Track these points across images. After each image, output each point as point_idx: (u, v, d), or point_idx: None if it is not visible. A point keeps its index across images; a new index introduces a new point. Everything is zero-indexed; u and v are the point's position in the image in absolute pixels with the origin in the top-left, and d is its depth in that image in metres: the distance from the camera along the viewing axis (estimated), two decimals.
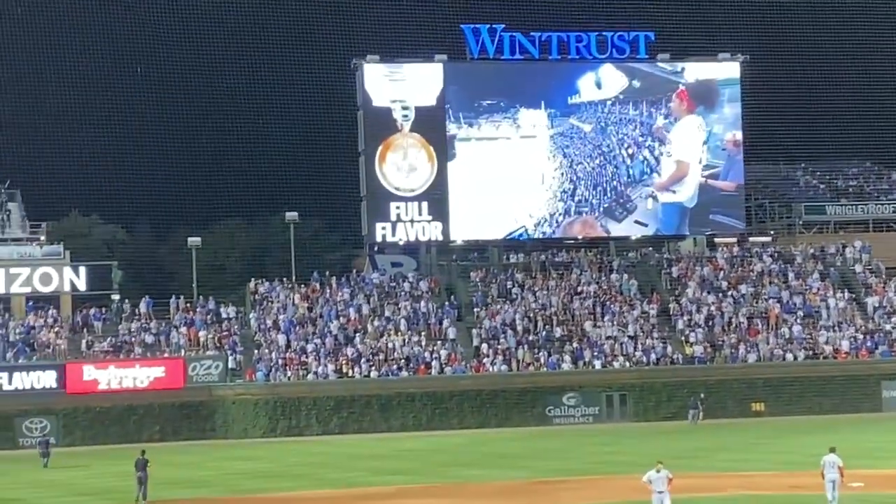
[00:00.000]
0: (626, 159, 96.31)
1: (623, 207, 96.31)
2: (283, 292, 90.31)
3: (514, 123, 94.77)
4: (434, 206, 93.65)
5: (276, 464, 67.15)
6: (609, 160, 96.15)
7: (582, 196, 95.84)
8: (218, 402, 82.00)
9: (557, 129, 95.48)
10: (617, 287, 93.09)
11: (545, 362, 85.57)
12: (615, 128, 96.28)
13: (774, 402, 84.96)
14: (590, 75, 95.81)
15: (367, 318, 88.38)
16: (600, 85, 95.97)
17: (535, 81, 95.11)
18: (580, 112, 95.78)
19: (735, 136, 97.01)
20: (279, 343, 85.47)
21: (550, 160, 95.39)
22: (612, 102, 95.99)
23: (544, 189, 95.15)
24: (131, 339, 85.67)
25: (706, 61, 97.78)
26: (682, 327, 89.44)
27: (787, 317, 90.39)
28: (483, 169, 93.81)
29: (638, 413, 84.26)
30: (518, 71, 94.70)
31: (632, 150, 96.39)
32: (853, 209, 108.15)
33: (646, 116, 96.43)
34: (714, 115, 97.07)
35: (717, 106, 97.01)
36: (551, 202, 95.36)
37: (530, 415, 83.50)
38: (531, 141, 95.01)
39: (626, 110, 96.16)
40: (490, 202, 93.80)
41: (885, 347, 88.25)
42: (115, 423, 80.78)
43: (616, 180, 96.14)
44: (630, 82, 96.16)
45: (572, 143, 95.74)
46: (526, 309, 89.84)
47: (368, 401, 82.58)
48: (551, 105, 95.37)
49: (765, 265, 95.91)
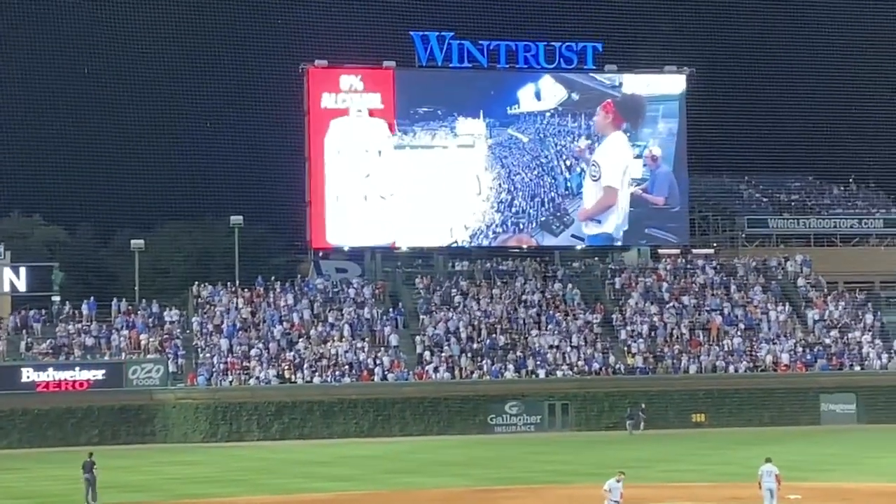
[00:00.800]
0: (565, 171, 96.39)
1: (560, 221, 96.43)
2: (226, 296, 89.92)
3: (451, 132, 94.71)
4: (379, 212, 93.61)
5: (215, 469, 66.78)
6: (547, 171, 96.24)
7: (519, 207, 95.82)
8: (158, 405, 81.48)
9: (496, 138, 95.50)
10: (561, 296, 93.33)
11: (488, 370, 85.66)
12: (553, 139, 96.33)
13: (715, 413, 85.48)
14: (530, 86, 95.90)
15: (311, 324, 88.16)
16: (540, 96, 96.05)
17: (475, 91, 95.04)
18: (519, 122, 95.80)
19: (652, 152, 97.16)
20: (221, 347, 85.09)
21: (488, 170, 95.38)
22: (550, 114, 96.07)
23: (481, 200, 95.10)
24: (71, 342, 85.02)
25: (652, 73, 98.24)
26: (624, 337, 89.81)
27: (728, 329, 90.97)
28: (422, 177, 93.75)
29: (580, 422, 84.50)
30: (458, 80, 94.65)
31: (569, 162, 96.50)
32: (795, 223, 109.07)
33: (584, 129, 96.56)
34: (647, 130, 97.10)
35: (648, 122, 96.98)
36: (489, 213, 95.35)
37: (472, 423, 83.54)
38: (469, 150, 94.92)
39: (565, 122, 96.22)
40: (431, 210, 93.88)
41: (824, 361, 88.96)
42: (53, 426, 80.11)
43: (554, 191, 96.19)
44: (569, 94, 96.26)
45: (511, 154, 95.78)
46: (470, 317, 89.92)
47: (310, 407, 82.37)
48: (490, 115, 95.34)
49: (707, 277, 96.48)
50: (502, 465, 65.63)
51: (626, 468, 45.64)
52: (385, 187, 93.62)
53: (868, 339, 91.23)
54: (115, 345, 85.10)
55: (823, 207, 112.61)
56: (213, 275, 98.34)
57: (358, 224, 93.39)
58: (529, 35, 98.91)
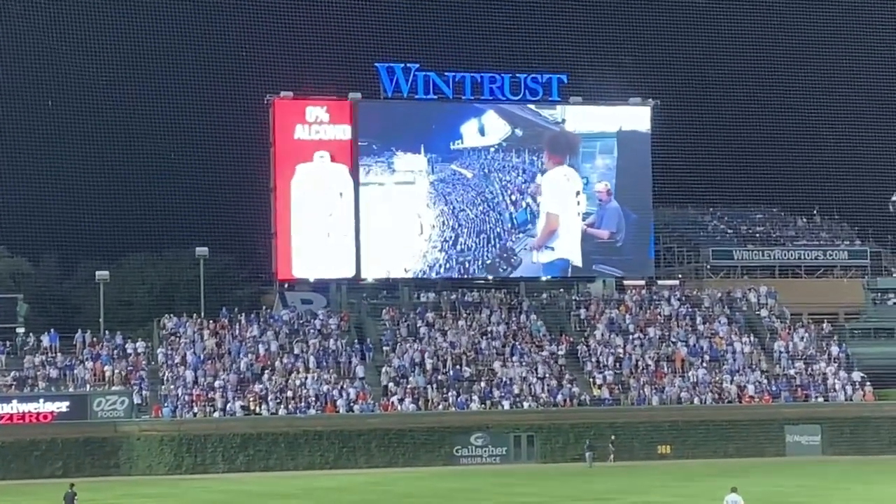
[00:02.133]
0: (510, 206, 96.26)
1: (507, 262, 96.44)
2: (191, 328, 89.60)
3: (390, 167, 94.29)
4: (344, 244, 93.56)
5: (179, 501, 66.41)
6: (492, 207, 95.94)
7: (464, 245, 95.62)
8: (123, 438, 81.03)
9: (438, 174, 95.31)
10: (526, 328, 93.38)
11: (453, 402, 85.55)
12: (498, 174, 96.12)
13: (680, 444, 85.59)
14: (473, 121, 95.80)
15: (276, 355, 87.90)
16: (483, 131, 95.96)
17: (417, 125, 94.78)
18: (462, 158, 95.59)
19: (606, 186, 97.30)
20: (186, 379, 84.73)
21: (431, 207, 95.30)
22: (494, 149, 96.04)
23: (423, 239, 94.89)
24: (35, 374, 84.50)
25: (616, 105, 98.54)
26: (589, 369, 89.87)
27: (693, 360, 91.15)
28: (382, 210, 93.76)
29: (545, 454, 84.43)
30: (399, 115, 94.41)
31: (514, 197, 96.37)
32: (760, 254, 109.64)
33: (528, 164, 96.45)
34: (587, 165, 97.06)
35: (585, 157, 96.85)
36: (431, 252, 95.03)
37: (438, 454, 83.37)
38: (409, 187, 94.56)
39: (510, 157, 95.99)
40: (390, 243, 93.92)
41: (788, 393, 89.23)
42: (16, 459, 79.51)
43: (500, 227, 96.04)
44: (513, 130, 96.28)
45: (454, 190, 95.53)
46: (435, 348, 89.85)
47: (275, 438, 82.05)
48: (431, 150, 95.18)
49: (673, 308, 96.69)
50: (468, 497, 65.45)
51: (592, 500, 45.63)
52: (347, 224, 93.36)
53: (833, 370, 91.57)
54: (80, 377, 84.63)
55: (788, 239, 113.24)
56: (178, 306, 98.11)
57: (322, 256, 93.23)
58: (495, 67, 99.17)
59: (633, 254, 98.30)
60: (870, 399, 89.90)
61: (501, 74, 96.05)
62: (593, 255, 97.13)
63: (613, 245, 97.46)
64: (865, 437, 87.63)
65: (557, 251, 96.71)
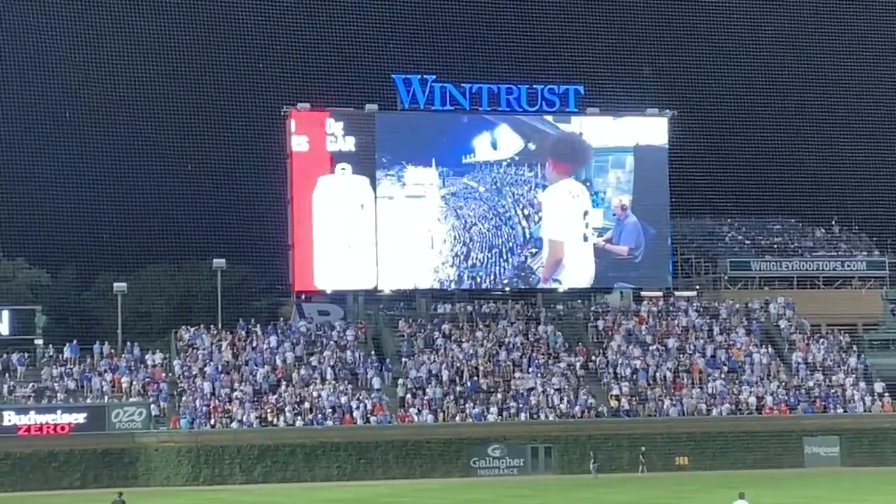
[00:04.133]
0: (522, 220, 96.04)
1: (525, 281, 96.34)
2: (208, 339, 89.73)
3: (399, 181, 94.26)
4: (362, 255, 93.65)
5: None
6: (504, 221, 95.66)
7: (476, 259, 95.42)
8: (140, 449, 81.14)
9: (449, 188, 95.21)
10: (543, 339, 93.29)
11: (471, 413, 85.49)
12: (511, 189, 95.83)
13: (698, 456, 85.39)
14: (486, 135, 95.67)
15: (293, 367, 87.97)
16: (496, 145, 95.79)
17: (428, 139, 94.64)
18: (474, 172, 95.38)
19: (622, 201, 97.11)
20: (204, 390, 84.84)
21: (442, 222, 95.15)
22: (507, 163, 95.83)
23: (434, 253, 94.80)
24: (54, 385, 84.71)
25: (633, 116, 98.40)
26: (607, 380, 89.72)
27: (711, 371, 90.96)
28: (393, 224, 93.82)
29: (563, 465, 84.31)
30: (412, 128, 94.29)
31: (527, 212, 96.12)
32: (778, 265, 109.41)
33: (540, 179, 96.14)
34: (600, 179, 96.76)
35: (598, 171, 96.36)
36: (442, 269, 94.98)
37: (455, 466, 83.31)
38: (420, 200, 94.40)
39: (522, 171, 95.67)
40: (407, 256, 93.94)
41: (806, 404, 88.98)
42: (35, 470, 79.63)
43: (513, 241, 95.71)
44: (526, 144, 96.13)
45: (466, 204, 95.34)
46: (452, 359, 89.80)
47: (293, 450, 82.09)
48: (443, 164, 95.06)
49: (690, 319, 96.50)
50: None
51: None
52: (366, 236, 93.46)
53: (851, 381, 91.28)
54: (98, 388, 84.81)
55: (806, 250, 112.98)
56: (196, 317, 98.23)
57: (342, 268, 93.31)
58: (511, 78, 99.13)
59: (651, 268, 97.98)
60: (888, 410, 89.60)
61: (518, 85, 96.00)
62: (610, 272, 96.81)
63: (632, 261, 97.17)
64: (884, 448, 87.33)
65: (565, 283, 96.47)
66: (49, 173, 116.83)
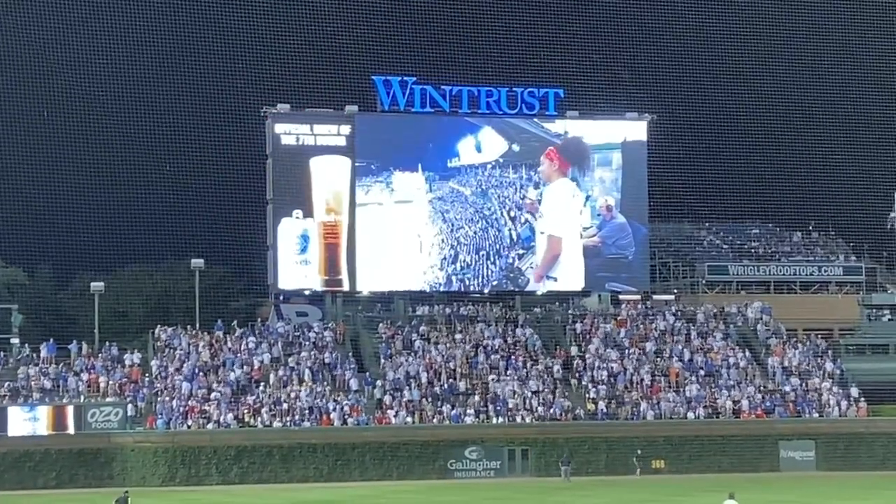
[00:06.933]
0: (509, 222, 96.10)
1: (514, 283, 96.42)
2: (186, 339, 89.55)
3: (387, 187, 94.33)
4: (340, 256, 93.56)
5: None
6: (491, 224, 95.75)
7: (464, 262, 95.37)
8: (116, 449, 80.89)
9: (436, 192, 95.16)
10: (521, 341, 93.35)
11: (448, 415, 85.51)
12: (496, 191, 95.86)
13: (675, 459, 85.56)
14: (469, 138, 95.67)
15: (271, 368, 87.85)
16: (480, 148, 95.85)
17: (411, 142, 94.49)
18: (460, 175, 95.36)
19: (607, 201, 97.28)
20: (181, 391, 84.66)
21: (430, 225, 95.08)
22: (492, 166, 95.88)
23: (423, 257, 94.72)
24: (30, 384, 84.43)
25: (612, 120, 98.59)
26: (584, 383, 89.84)
27: (688, 375, 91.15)
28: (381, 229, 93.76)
29: (540, 468, 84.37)
30: (396, 132, 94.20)
31: (513, 213, 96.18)
32: (755, 269, 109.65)
33: (525, 180, 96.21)
34: (586, 178, 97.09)
35: (590, 169, 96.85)
36: (431, 272, 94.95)
37: (432, 468, 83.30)
38: (408, 206, 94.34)
39: (507, 174, 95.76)
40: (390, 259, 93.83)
41: (782, 408, 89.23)
42: (10, 469, 79.29)
43: (500, 244, 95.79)
44: (510, 146, 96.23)
45: (453, 208, 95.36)
46: (430, 361, 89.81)
47: (270, 451, 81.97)
48: (429, 168, 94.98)
49: (668, 323, 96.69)
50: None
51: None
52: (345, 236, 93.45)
53: (827, 386, 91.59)
54: (74, 388, 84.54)
55: (783, 254, 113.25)
56: (173, 318, 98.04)
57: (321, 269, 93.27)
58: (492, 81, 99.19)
59: (640, 269, 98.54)
60: (864, 415, 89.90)
61: (498, 88, 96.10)
62: (599, 272, 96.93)
63: (621, 260, 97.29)
64: (860, 453, 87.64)
65: (561, 282, 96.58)
66: (26, 172, 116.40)
